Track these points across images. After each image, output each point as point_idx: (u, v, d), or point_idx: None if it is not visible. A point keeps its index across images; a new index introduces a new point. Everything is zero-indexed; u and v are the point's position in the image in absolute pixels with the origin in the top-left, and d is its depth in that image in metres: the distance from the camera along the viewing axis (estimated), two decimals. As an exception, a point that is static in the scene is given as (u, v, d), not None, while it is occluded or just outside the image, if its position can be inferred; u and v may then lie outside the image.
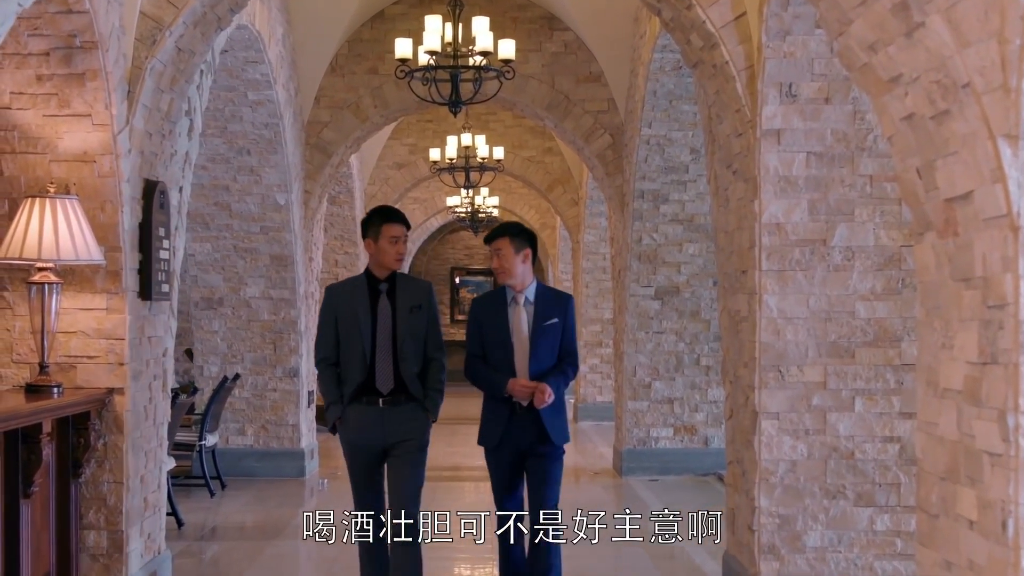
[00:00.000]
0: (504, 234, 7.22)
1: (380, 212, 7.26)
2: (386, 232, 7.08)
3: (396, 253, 7.12)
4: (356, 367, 7.00)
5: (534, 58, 14.15)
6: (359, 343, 6.99)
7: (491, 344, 7.21)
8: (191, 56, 7.72)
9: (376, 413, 7.00)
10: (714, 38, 7.28)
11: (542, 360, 7.14)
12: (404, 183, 21.72)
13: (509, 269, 7.16)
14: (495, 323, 7.21)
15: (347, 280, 7.36)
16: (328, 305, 7.16)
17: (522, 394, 7.07)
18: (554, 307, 7.21)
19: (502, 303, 7.24)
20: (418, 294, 7.19)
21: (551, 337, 7.17)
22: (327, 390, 7.10)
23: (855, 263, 7.26)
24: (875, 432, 7.27)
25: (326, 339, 7.12)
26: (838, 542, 7.26)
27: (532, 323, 7.15)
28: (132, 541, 7.32)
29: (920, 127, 4.22)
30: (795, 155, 7.25)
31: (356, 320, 7.01)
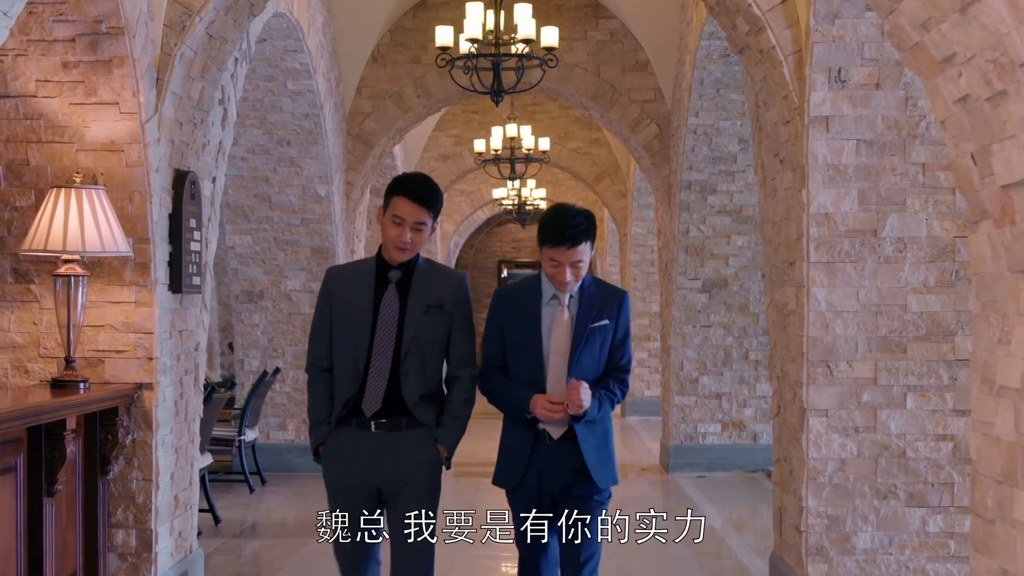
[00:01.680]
0: (587, 237, 5.43)
1: (398, 180, 5.56)
2: (393, 206, 5.39)
3: (398, 240, 5.39)
4: (347, 377, 5.47)
5: (579, 47, 13.98)
6: (352, 347, 5.44)
7: (516, 352, 5.58)
8: (223, 43, 7.56)
9: (366, 441, 5.43)
10: (760, 22, 7.09)
11: (583, 374, 5.50)
12: (450, 175, 21.58)
13: (582, 276, 5.56)
14: (524, 325, 5.54)
15: (353, 263, 5.95)
16: (325, 293, 5.63)
17: (549, 415, 5.44)
18: (605, 305, 5.59)
19: (535, 298, 5.58)
20: (440, 289, 5.52)
21: (598, 345, 5.56)
22: (314, 404, 5.61)
23: (907, 254, 7.07)
24: (927, 430, 7.09)
25: (319, 337, 5.61)
26: (889, 544, 7.08)
27: (575, 325, 5.51)
28: (162, 540, 7.18)
29: (975, 109, 4.01)
30: (844, 143, 7.07)
31: (352, 315, 5.48)
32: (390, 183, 5.55)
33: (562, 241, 5.37)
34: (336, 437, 5.51)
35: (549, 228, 5.43)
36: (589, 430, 5.53)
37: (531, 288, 5.66)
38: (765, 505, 10.37)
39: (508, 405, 5.60)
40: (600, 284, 5.74)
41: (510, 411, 5.61)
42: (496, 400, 5.66)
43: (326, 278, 5.72)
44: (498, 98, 11.30)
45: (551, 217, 5.49)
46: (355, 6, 13.10)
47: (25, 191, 6.88)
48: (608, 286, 5.80)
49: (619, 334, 5.64)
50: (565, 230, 5.38)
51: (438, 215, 5.51)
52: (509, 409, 5.61)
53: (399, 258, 5.48)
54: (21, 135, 6.83)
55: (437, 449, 5.49)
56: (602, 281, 5.81)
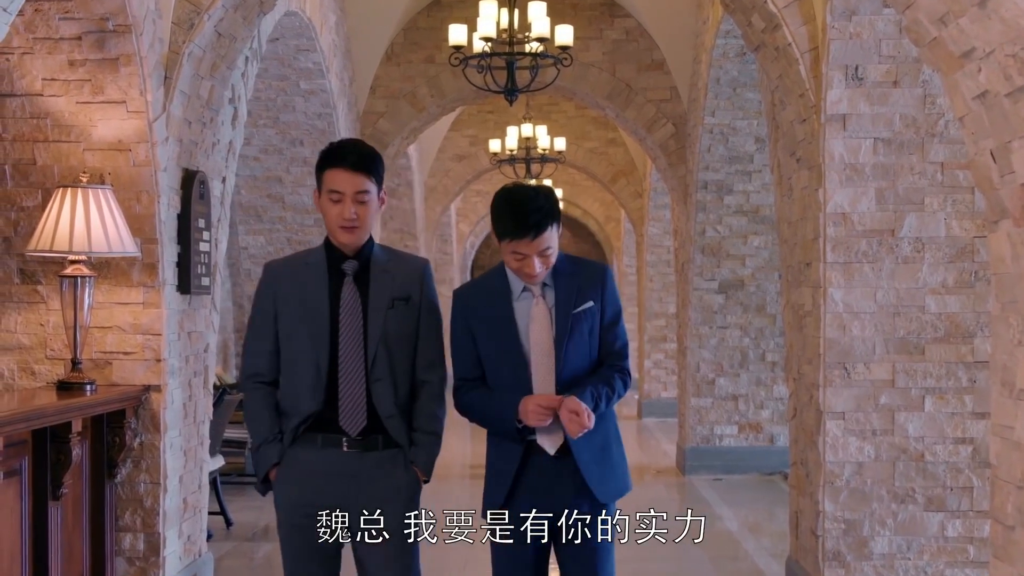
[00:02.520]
0: (552, 220, 4.63)
1: (324, 151, 4.71)
2: (327, 182, 4.61)
3: (340, 218, 4.59)
4: (304, 390, 4.59)
5: (594, 46, 13.89)
6: (311, 353, 4.59)
7: (493, 359, 4.77)
8: (232, 41, 7.49)
9: (337, 461, 4.60)
10: (776, 19, 7.00)
11: (575, 370, 4.73)
12: (465, 175, 21.53)
13: (552, 263, 4.73)
14: (496, 326, 4.73)
15: (297, 255, 4.96)
16: (265, 292, 4.74)
17: (540, 419, 4.60)
18: (586, 285, 4.76)
19: (503, 293, 4.75)
20: (404, 278, 4.71)
21: (586, 332, 4.76)
22: (256, 423, 4.70)
23: (925, 255, 6.98)
24: (946, 433, 7.00)
25: (258, 345, 4.72)
26: (907, 549, 6.99)
27: (556, 316, 4.71)
28: (170, 543, 7.10)
29: (995, 106, 3.92)
30: (861, 141, 6.99)
31: (307, 315, 4.62)
32: (318, 159, 4.70)
33: (524, 231, 4.55)
34: (293, 458, 4.62)
35: (506, 218, 4.60)
36: (585, 439, 4.64)
37: (496, 283, 4.79)
38: (782, 508, 10.27)
39: (493, 418, 4.76)
40: (575, 262, 4.86)
41: (496, 424, 4.76)
42: (478, 416, 4.81)
43: (265, 274, 4.80)
44: (512, 97, 11.21)
45: (505, 203, 4.64)
46: (368, 5, 13.03)
47: (32, 191, 6.82)
48: (586, 262, 4.94)
49: (608, 315, 4.79)
50: (526, 217, 4.56)
51: (382, 181, 4.67)
52: (495, 422, 4.76)
53: (348, 241, 4.63)
54: (27, 134, 6.77)
55: (415, 472, 4.69)
56: (577, 258, 4.92)
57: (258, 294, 4.79)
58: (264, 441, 4.67)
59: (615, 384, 4.75)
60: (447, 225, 25.71)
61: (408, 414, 4.70)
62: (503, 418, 4.68)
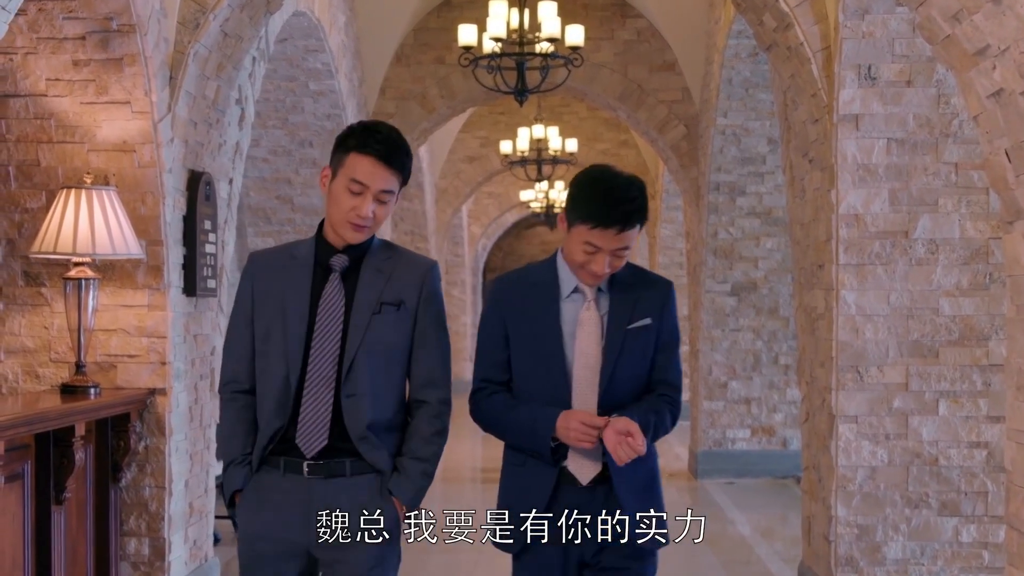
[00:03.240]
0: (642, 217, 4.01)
1: (355, 131, 4.01)
2: (350, 168, 3.94)
3: (354, 214, 3.95)
4: (273, 401, 3.98)
5: (606, 46, 13.82)
6: (280, 359, 3.98)
7: (527, 365, 4.14)
8: (239, 41, 7.42)
9: (296, 490, 3.97)
10: (788, 18, 6.93)
11: (621, 394, 4.09)
12: (476, 177, 21.48)
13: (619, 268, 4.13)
14: (538, 327, 4.11)
15: (284, 246, 4.28)
16: (243, 287, 4.15)
17: (584, 440, 3.99)
18: (645, 298, 4.15)
19: (551, 290, 4.14)
20: (401, 281, 4.06)
21: (639, 353, 4.12)
22: (227, 439, 4.11)
23: (939, 256, 6.90)
24: (960, 437, 6.92)
25: (236, 347, 4.12)
26: (920, 554, 6.91)
27: (608, 328, 4.09)
28: (175, 548, 7.04)
29: (1010, 104, 3.85)
30: (875, 142, 6.92)
31: (281, 315, 4.01)
32: (343, 135, 4.05)
33: (610, 221, 3.94)
34: (258, 483, 4.01)
35: (593, 202, 3.98)
36: (630, 471, 4.04)
37: (545, 277, 4.19)
38: (795, 512, 10.20)
39: (521, 430, 4.12)
40: (637, 272, 4.23)
41: (524, 438, 4.12)
42: (500, 426, 4.20)
43: (248, 266, 4.18)
44: (522, 98, 11.16)
45: (596, 184, 4.02)
46: (378, 5, 12.98)
47: (36, 192, 6.77)
48: (649, 275, 4.32)
49: (665, 337, 4.17)
50: (617, 206, 3.95)
51: (407, 182, 4.09)
52: (523, 436, 4.12)
53: (355, 240, 4.01)
54: (31, 135, 6.71)
55: (393, 504, 3.99)
56: (639, 268, 4.28)
57: (240, 290, 4.15)
58: (232, 462, 4.05)
59: (664, 416, 4.14)
60: (458, 227, 25.66)
61: (391, 435, 4.05)
62: (534, 432, 4.05)
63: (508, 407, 4.15)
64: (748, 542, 10.11)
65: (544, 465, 4.08)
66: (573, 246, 4.03)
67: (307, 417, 3.95)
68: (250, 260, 4.19)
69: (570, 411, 4.01)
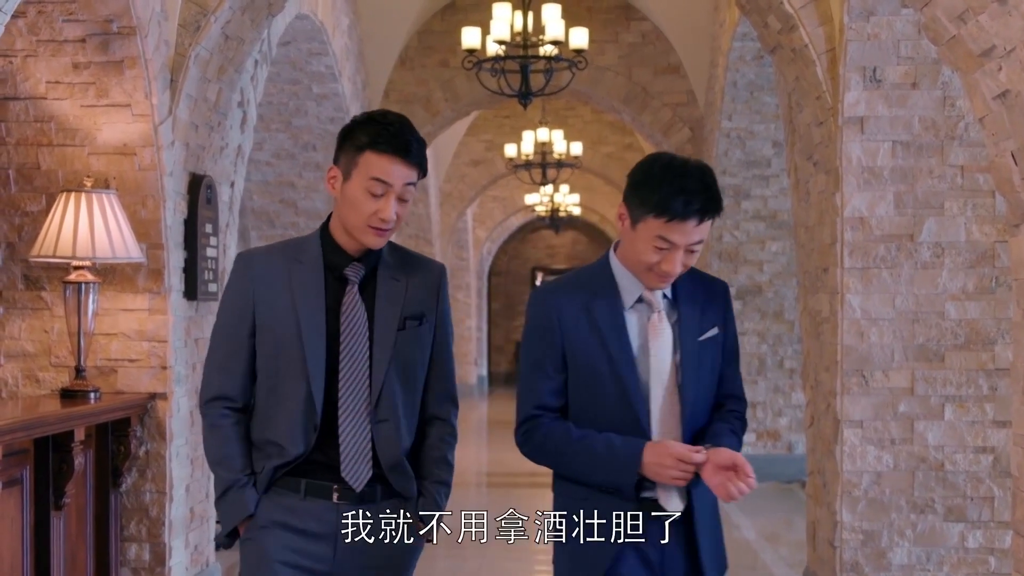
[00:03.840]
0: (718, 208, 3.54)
1: (366, 124, 3.59)
2: (367, 167, 3.56)
3: (377, 218, 3.58)
4: (293, 427, 3.61)
5: (610, 49, 13.81)
6: (302, 381, 3.60)
7: (591, 387, 3.63)
8: (240, 44, 7.39)
9: (325, 517, 3.64)
10: (792, 19, 6.90)
11: (702, 415, 3.68)
12: (481, 180, 21.46)
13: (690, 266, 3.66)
14: (603, 343, 3.61)
15: (280, 245, 3.83)
16: (239, 290, 3.71)
17: (680, 477, 3.50)
18: (707, 303, 3.73)
19: (612, 300, 3.65)
20: (418, 291, 3.75)
21: (708, 367, 3.69)
22: (223, 462, 3.68)
23: (945, 260, 6.86)
24: (966, 442, 6.88)
25: (230, 362, 3.70)
26: (926, 560, 6.86)
27: (682, 340, 3.64)
28: (176, 554, 7.00)
29: (1016, 106, 3.80)
30: (880, 144, 6.88)
31: (294, 329, 3.62)
32: (348, 129, 3.65)
33: (689, 212, 3.48)
34: (271, 505, 3.65)
35: (667, 190, 3.50)
36: (708, 503, 3.63)
37: (601, 284, 3.69)
38: (800, 517, 10.15)
39: (591, 463, 3.58)
40: (693, 274, 3.75)
41: (595, 471, 3.58)
42: (561, 458, 3.65)
43: (240, 267, 3.74)
44: (526, 101, 11.13)
45: (667, 172, 3.55)
46: (382, 8, 12.96)
47: (36, 196, 6.74)
48: (704, 276, 3.84)
49: (729, 346, 3.77)
50: (697, 194, 3.49)
51: (425, 174, 3.69)
52: (593, 468, 3.58)
53: (374, 244, 3.65)
54: (31, 138, 6.68)
55: (416, 529, 3.71)
56: (694, 269, 3.76)
57: (229, 292, 3.73)
58: (234, 485, 3.65)
59: (739, 431, 3.74)
60: (463, 231, 25.64)
61: (412, 459, 3.75)
62: (612, 467, 3.54)
63: (575, 438, 3.60)
64: (753, 547, 10.06)
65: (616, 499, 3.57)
66: (641, 244, 3.54)
67: (349, 448, 3.62)
68: (245, 261, 3.73)
69: (659, 443, 3.52)
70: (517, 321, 33.77)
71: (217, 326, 3.76)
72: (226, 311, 3.74)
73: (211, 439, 3.72)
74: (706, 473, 3.47)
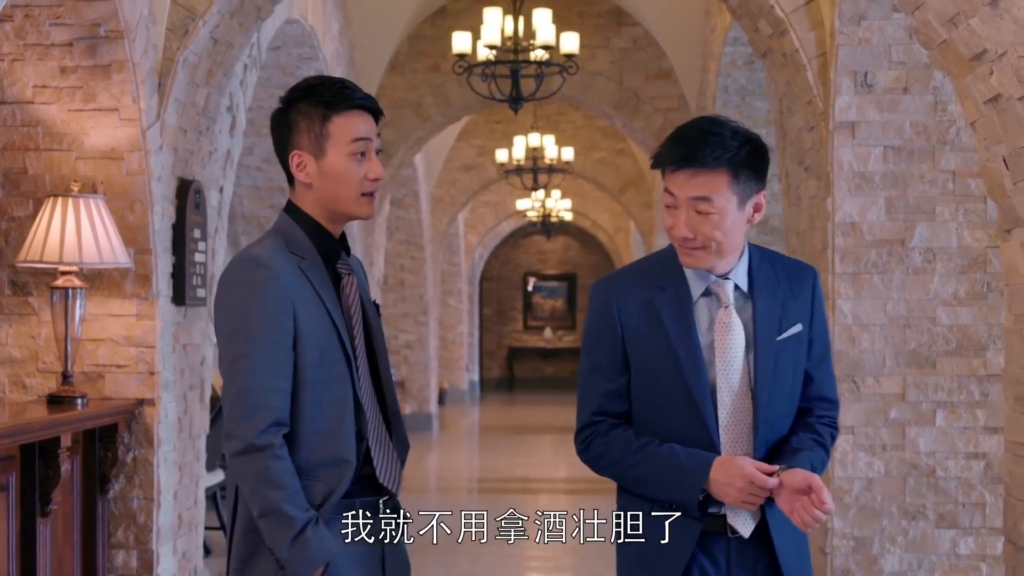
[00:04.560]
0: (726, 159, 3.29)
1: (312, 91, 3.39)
2: (342, 131, 3.34)
3: (368, 180, 3.38)
4: (340, 438, 3.30)
5: (601, 54, 13.78)
6: (343, 387, 3.32)
7: (655, 390, 3.32)
8: (229, 48, 7.36)
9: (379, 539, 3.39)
10: (783, 24, 6.88)
11: (780, 424, 3.33)
12: (472, 186, 21.42)
13: (722, 241, 3.27)
14: (669, 341, 3.28)
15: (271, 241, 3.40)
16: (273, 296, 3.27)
17: (750, 501, 3.19)
18: (789, 294, 3.36)
19: (679, 292, 3.33)
20: (362, 277, 3.58)
21: (790, 369, 3.33)
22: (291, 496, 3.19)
23: (936, 265, 6.84)
24: (958, 448, 6.85)
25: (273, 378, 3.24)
26: (918, 566, 6.84)
27: (758, 337, 3.29)
28: (163, 560, 6.97)
29: (1007, 110, 3.78)
30: (871, 149, 6.85)
31: (333, 334, 3.33)
32: (287, 108, 3.43)
33: (673, 158, 3.26)
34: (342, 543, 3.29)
35: (669, 138, 3.32)
36: (783, 520, 3.27)
37: (667, 272, 3.37)
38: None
39: (654, 475, 3.28)
40: (776, 260, 3.44)
41: (659, 485, 3.28)
42: (622, 468, 3.34)
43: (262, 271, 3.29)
44: (516, 106, 11.11)
45: (682, 125, 3.39)
46: (373, 13, 12.92)
47: (23, 200, 6.70)
48: (788, 262, 3.48)
49: (818, 343, 3.39)
50: (684, 140, 3.27)
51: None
52: (658, 481, 3.28)
53: (367, 214, 3.43)
54: (18, 143, 6.64)
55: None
56: (776, 255, 3.49)
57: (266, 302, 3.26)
58: (308, 523, 3.20)
59: (829, 446, 3.37)
60: (455, 236, 25.60)
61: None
62: (678, 481, 3.24)
63: (636, 448, 3.31)
64: (744, 553, 10.01)
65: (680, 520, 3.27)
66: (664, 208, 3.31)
67: (380, 450, 3.38)
68: (262, 264, 3.30)
69: (731, 460, 3.19)
70: (509, 326, 33.76)
71: (249, 340, 3.25)
72: (261, 320, 3.25)
73: (274, 475, 3.21)
74: (780, 499, 3.16)
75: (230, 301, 3.33)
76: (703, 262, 3.27)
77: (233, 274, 3.35)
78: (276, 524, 3.18)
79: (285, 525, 3.17)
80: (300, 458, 3.25)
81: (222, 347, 3.33)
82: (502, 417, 23.75)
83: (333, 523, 3.26)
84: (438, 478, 15.15)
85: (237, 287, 3.31)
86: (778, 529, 3.25)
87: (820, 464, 3.28)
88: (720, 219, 3.23)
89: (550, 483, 14.68)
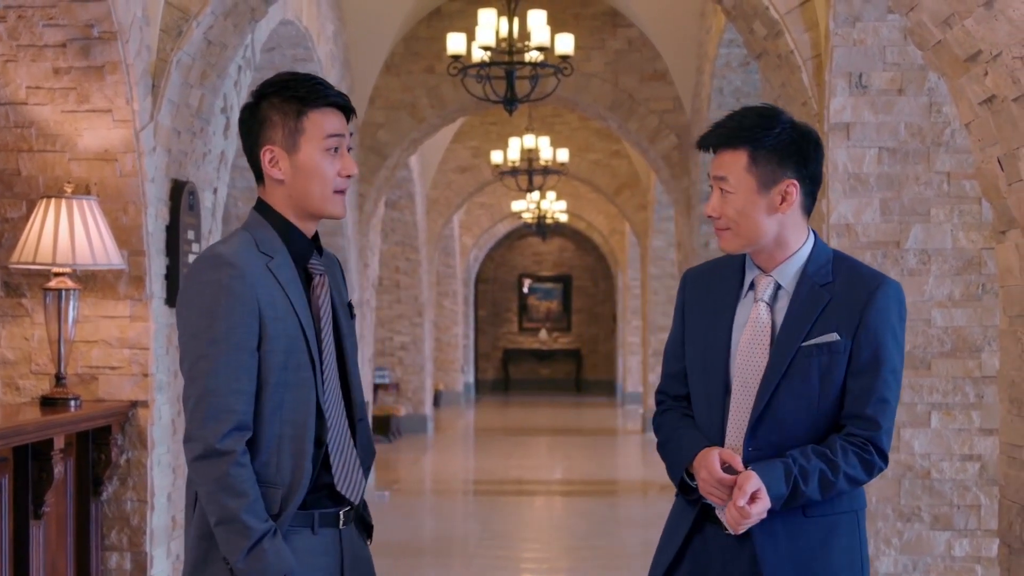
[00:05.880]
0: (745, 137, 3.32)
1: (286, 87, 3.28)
2: (315, 128, 3.26)
3: (342, 177, 3.32)
4: (299, 445, 3.20)
5: (596, 56, 13.78)
6: (310, 390, 3.23)
7: (692, 376, 3.45)
8: (223, 49, 7.35)
9: (331, 548, 3.29)
10: (778, 25, 6.87)
11: (782, 430, 3.28)
12: (468, 187, 21.42)
13: (738, 221, 3.32)
14: (708, 332, 3.41)
15: (239, 239, 3.30)
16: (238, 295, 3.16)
17: (710, 494, 3.27)
18: (838, 304, 3.30)
19: (732, 286, 3.42)
20: (336, 276, 3.47)
21: (816, 376, 3.28)
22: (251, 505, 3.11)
23: (931, 267, 6.83)
24: (953, 450, 6.84)
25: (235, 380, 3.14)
26: (913, 568, 6.82)
27: (778, 337, 3.30)
28: (157, 562, 6.95)
29: (1002, 111, 3.77)
30: (866, 151, 6.84)
31: (300, 337, 3.23)
32: (257, 102, 3.34)
33: (705, 141, 3.43)
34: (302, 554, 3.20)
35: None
36: (783, 524, 3.27)
37: (732, 264, 3.46)
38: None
39: (668, 456, 3.44)
40: (842, 267, 3.39)
41: (668, 467, 3.45)
42: (663, 449, 3.50)
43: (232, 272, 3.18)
44: (511, 107, 11.10)
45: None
46: (367, 15, 12.91)
47: (16, 202, 6.68)
48: (861, 270, 3.42)
49: (862, 356, 3.29)
50: (718, 125, 3.39)
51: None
52: (668, 465, 3.45)
53: (340, 212, 3.33)
54: (12, 144, 6.63)
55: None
56: (851, 262, 3.45)
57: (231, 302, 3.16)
58: (266, 534, 3.12)
59: (838, 462, 3.27)
60: (450, 238, 25.61)
61: None
62: (673, 464, 3.41)
63: (672, 428, 3.45)
64: (739, 555, 10.00)
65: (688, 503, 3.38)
66: None
67: (341, 458, 3.28)
68: (228, 262, 3.20)
69: (708, 450, 3.25)
70: (504, 328, 33.75)
71: (212, 341, 3.15)
72: (225, 321, 3.15)
73: (235, 482, 3.12)
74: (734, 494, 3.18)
75: (194, 300, 3.22)
76: (731, 244, 3.36)
77: (198, 272, 3.24)
78: (233, 533, 3.10)
79: (242, 535, 3.10)
80: (258, 462, 3.17)
81: (184, 347, 3.23)
82: (497, 419, 23.72)
83: (290, 536, 3.18)
84: (433, 480, 15.13)
85: (201, 285, 3.20)
86: (761, 535, 3.25)
87: (808, 475, 3.21)
88: (736, 198, 3.31)
89: (545, 485, 14.66)
